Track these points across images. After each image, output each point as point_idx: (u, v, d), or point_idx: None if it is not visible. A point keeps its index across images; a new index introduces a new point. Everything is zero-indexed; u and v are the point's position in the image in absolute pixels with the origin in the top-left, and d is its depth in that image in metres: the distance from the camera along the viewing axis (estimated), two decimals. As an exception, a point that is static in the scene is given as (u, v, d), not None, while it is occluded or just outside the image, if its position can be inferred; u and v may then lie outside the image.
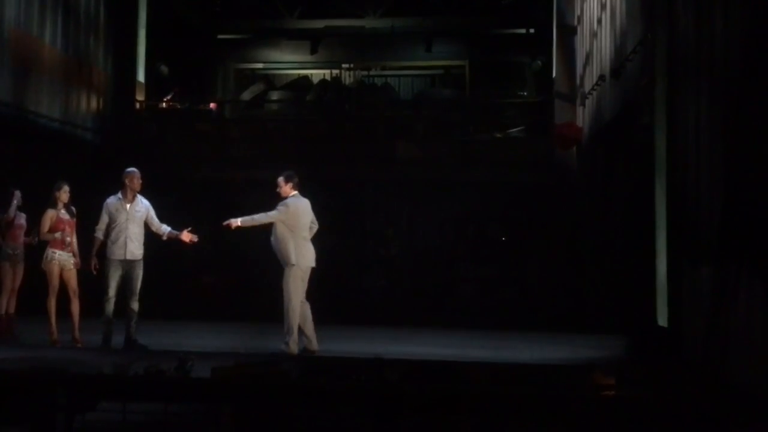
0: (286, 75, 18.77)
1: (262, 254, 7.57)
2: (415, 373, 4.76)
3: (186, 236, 7.66)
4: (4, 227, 7.92)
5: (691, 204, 6.10)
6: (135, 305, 7.54)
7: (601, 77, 9.87)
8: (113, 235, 7.46)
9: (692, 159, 6.06)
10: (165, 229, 7.74)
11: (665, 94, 6.86)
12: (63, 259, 7.66)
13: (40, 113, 10.71)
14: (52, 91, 11.08)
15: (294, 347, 7.16)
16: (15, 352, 6.41)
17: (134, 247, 7.53)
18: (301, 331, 7.28)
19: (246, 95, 17.14)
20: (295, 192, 7.41)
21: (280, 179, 7.45)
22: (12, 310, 8.06)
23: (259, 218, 7.34)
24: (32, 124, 10.54)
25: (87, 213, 7.91)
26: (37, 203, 7.90)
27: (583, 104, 11.64)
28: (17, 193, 8.11)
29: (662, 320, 6.99)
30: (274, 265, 7.48)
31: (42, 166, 9.49)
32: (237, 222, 7.34)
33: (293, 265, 7.20)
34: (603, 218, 10.39)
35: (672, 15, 6.83)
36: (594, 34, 10.61)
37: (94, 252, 7.44)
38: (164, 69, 15.26)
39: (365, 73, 18.31)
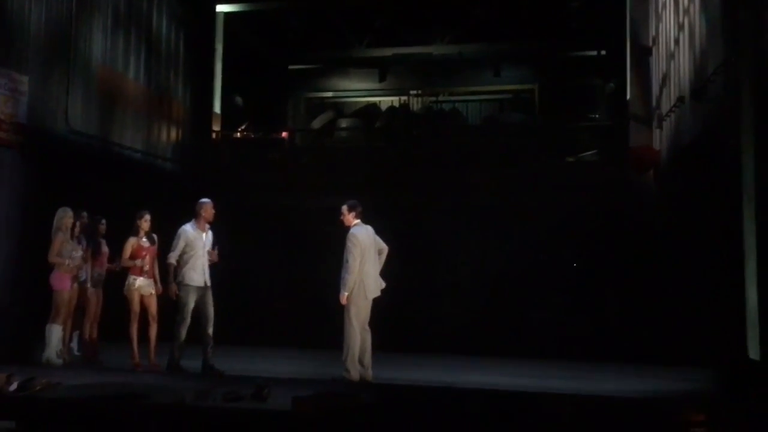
0: (355, 103, 19.04)
1: (334, 280, 7.60)
2: (495, 406, 4.65)
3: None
4: (90, 255, 8.27)
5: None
6: (211, 330, 7.71)
7: (680, 99, 9.54)
8: (192, 262, 7.66)
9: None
10: None
11: (753, 115, 6.57)
12: (143, 286, 7.92)
13: (124, 145, 11.19)
14: (136, 123, 11.58)
15: (355, 374, 7.16)
16: (99, 377, 6.62)
17: (208, 274, 7.76)
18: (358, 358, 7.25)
19: (316, 123, 17.45)
20: (358, 221, 7.44)
21: (344, 208, 7.51)
22: (95, 335, 8.38)
23: (350, 271, 7.19)
24: (117, 156, 11.02)
25: (167, 240, 8.17)
26: (122, 231, 8.22)
27: (660, 127, 11.28)
28: (103, 221, 8.48)
29: (754, 353, 6.60)
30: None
31: (125, 196, 9.87)
32: (344, 296, 7.24)
33: (354, 294, 7.21)
34: (684, 244, 9.97)
35: (758, 33, 6.56)
36: (671, 55, 10.30)
37: (173, 278, 7.65)
38: (239, 100, 15.76)
39: (433, 99, 18.38)
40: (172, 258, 7.62)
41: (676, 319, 10.02)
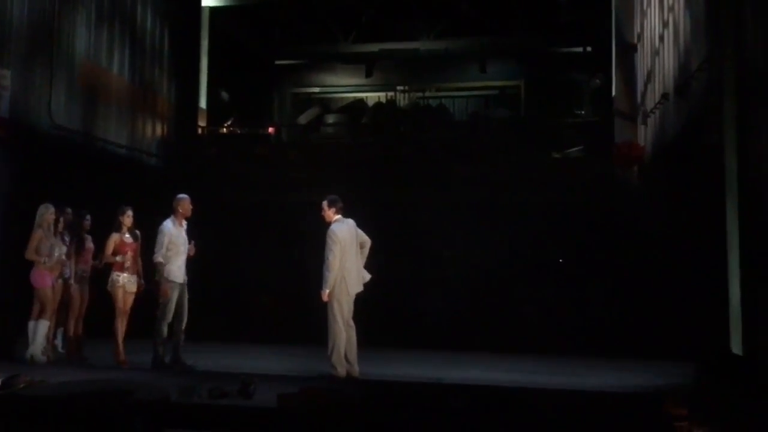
0: (342, 98, 19.02)
1: (319, 275, 7.58)
2: (480, 401, 4.67)
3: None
4: (74, 251, 8.19)
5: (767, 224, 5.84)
6: (184, 326, 7.71)
7: (664, 95, 9.61)
8: (174, 259, 7.62)
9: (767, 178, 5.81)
10: None
11: (735, 112, 6.62)
12: (125, 282, 7.85)
13: (108, 140, 11.12)
14: (120, 118, 11.50)
15: (341, 370, 7.15)
16: (84, 374, 6.57)
17: (186, 270, 7.71)
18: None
19: (302, 119, 17.41)
20: (338, 216, 7.42)
21: (324, 203, 7.47)
22: (80, 331, 8.30)
23: (330, 268, 7.15)
24: (101, 151, 10.94)
25: (152, 236, 8.11)
26: (105, 227, 8.15)
27: (645, 123, 11.35)
28: (87, 217, 8.40)
29: (736, 347, 6.68)
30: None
31: (110, 191, 9.79)
32: (325, 293, 7.20)
33: (336, 291, 7.21)
34: (668, 239, 10.06)
35: (740, 30, 6.62)
36: (656, 52, 10.37)
37: (164, 277, 7.58)
38: (225, 95, 15.68)
39: (420, 94, 18.40)
40: (161, 256, 7.53)
41: (659, 313, 10.11)
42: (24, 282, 7.78)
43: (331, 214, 7.43)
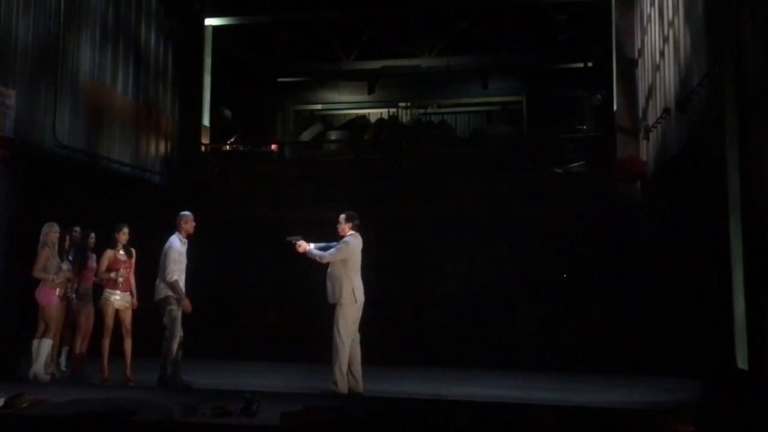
0: (344, 115, 19.13)
1: (322, 292, 7.58)
2: (483, 418, 4.65)
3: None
4: (77, 269, 8.19)
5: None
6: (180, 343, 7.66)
7: (666, 110, 9.64)
8: (180, 276, 7.60)
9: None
10: None
11: (737, 126, 6.65)
12: (117, 299, 7.82)
13: (111, 158, 11.16)
14: (124, 137, 11.55)
15: (343, 386, 7.12)
16: (86, 393, 6.55)
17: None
18: (347, 370, 7.24)
19: (305, 136, 17.49)
20: (353, 233, 7.47)
21: (342, 217, 7.53)
22: (84, 350, 8.28)
23: (324, 255, 7.32)
24: (104, 169, 10.98)
25: (155, 252, 8.10)
26: (107, 245, 8.15)
27: (647, 138, 11.38)
28: (92, 235, 8.40)
29: (742, 362, 6.64)
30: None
31: (114, 209, 9.82)
32: (306, 247, 7.38)
33: (345, 303, 7.23)
34: (671, 254, 10.04)
35: (740, 46, 6.66)
36: (656, 67, 10.42)
37: (183, 294, 7.46)
38: (228, 113, 15.77)
39: (422, 111, 18.49)
40: (176, 273, 7.41)
41: (663, 328, 10.07)
42: (28, 300, 7.79)
43: (347, 229, 7.49)
